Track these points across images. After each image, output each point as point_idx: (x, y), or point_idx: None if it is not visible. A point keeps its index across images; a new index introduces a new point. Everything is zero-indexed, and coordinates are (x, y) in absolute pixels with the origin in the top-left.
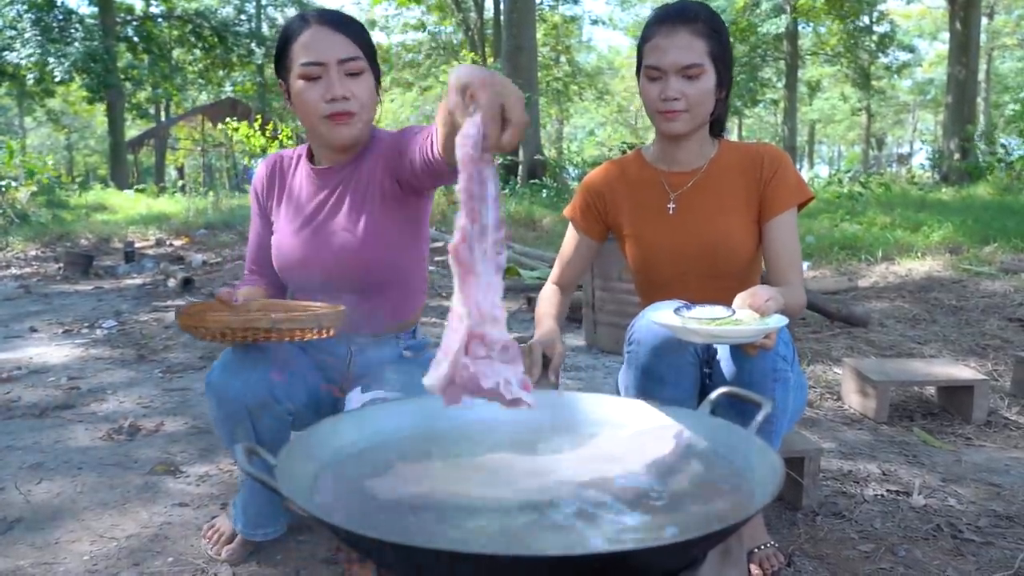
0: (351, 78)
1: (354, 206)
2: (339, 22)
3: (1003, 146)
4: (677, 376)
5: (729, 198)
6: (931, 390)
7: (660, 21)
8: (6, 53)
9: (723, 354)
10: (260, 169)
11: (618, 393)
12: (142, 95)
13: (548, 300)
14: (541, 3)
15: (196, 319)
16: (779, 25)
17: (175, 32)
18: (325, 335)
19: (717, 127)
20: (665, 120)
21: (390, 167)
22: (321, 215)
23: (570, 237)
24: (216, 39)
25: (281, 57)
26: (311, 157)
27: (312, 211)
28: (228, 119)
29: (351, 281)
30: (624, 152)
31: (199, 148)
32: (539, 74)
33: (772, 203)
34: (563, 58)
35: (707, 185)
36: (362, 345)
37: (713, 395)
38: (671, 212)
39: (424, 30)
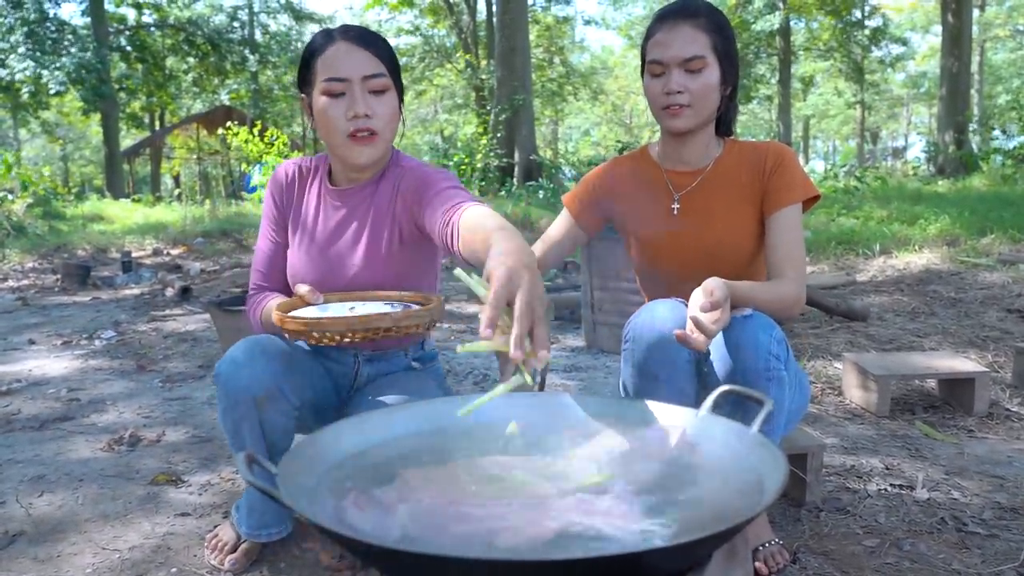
0: (374, 96)
1: (372, 234)
2: (364, 38)
3: (1003, 131)
4: (675, 374)
5: (734, 198)
6: (932, 383)
7: (662, 18)
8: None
9: (716, 354)
10: (278, 178)
11: (619, 393)
12: (136, 104)
13: None
14: (533, 4)
15: (309, 324)
16: (773, 23)
17: (168, 41)
18: (432, 328)
19: (724, 127)
20: (669, 116)
21: (412, 212)
22: (339, 241)
23: (561, 221)
24: (209, 47)
25: (304, 72)
26: (329, 174)
27: (329, 234)
28: (228, 125)
29: None
30: (622, 151)
31: (195, 156)
32: (533, 75)
33: (773, 197)
34: (556, 59)
35: (712, 185)
36: (369, 356)
37: (714, 393)
38: (675, 212)
39: (418, 33)
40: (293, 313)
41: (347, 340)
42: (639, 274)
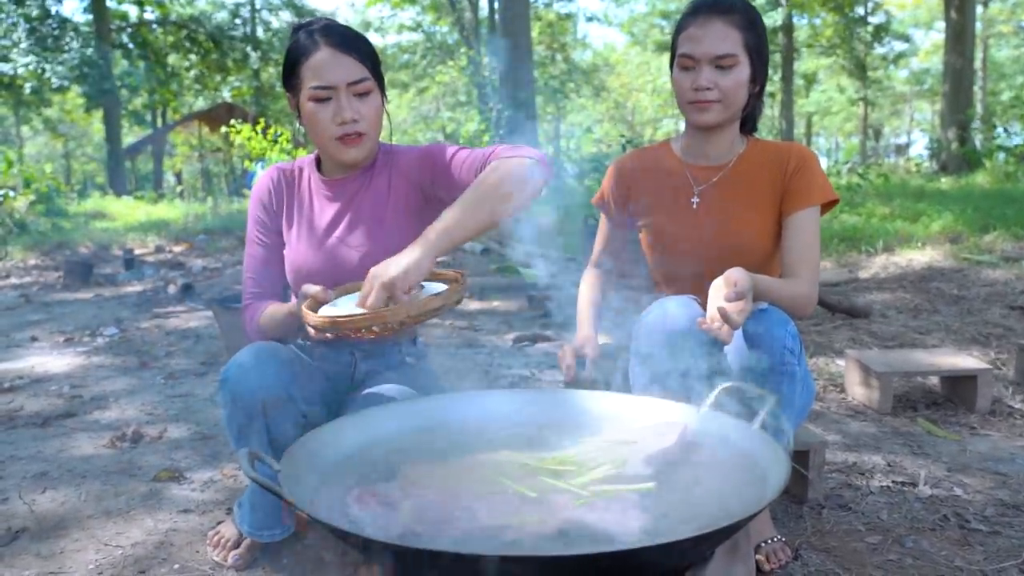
0: (359, 99)
1: (374, 218)
2: (348, 44)
3: (1005, 129)
4: (683, 370)
5: (753, 196)
6: (934, 380)
7: (695, 12)
8: (1, 63)
9: (730, 347)
10: (263, 184)
11: (624, 389)
12: (138, 102)
13: (587, 292)
14: (535, 1)
15: (371, 317)
16: (776, 19)
17: (170, 38)
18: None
19: (749, 124)
20: (696, 110)
21: (418, 182)
22: (339, 228)
23: (600, 226)
24: (211, 44)
25: (290, 74)
26: (318, 168)
27: (329, 224)
28: (232, 122)
29: None
30: (624, 148)
31: (197, 154)
32: (535, 72)
33: (793, 199)
34: (559, 56)
35: (732, 182)
36: (366, 352)
37: (717, 390)
38: (694, 207)
39: (419, 30)
40: (326, 312)
41: (403, 325)
42: (653, 268)
